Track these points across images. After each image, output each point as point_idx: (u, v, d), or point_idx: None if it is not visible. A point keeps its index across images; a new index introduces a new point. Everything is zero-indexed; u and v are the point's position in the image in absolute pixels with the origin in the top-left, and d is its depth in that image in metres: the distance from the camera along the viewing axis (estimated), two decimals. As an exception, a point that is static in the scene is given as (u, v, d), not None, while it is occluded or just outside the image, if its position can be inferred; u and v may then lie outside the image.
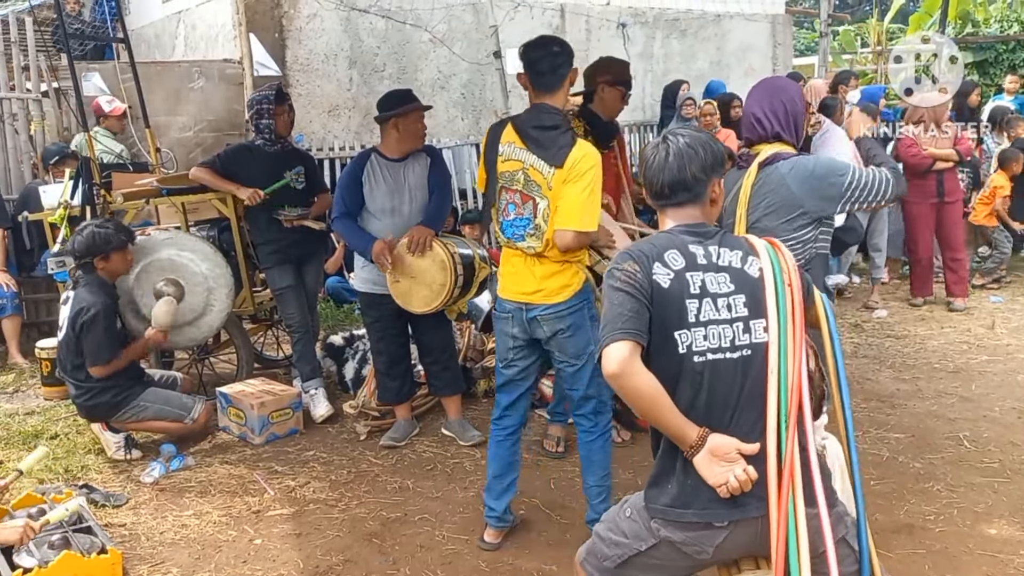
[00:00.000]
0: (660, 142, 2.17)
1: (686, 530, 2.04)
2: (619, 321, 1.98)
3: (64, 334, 4.36)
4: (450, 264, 4.04)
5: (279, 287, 5.00)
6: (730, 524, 2.01)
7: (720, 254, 2.08)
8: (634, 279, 2.02)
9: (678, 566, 2.12)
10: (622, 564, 2.15)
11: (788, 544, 1.93)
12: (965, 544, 3.36)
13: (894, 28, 18.13)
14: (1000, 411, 4.72)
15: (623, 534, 2.16)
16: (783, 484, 1.94)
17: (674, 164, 2.12)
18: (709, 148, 2.15)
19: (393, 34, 8.51)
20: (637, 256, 2.07)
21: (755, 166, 2.95)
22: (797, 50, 17.55)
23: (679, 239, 2.10)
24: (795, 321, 2.02)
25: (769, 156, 2.95)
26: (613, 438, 4.46)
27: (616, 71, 4.30)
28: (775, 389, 1.97)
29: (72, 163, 6.05)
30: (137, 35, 9.93)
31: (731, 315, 2.02)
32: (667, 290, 2.02)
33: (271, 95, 4.87)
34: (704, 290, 2.03)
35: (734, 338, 2.02)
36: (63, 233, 5.14)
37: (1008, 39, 14.29)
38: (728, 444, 1.98)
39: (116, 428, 4.47)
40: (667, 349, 2.01)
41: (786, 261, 2.09)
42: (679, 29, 10.50)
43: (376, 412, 4.84)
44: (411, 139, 4.30)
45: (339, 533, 3.66)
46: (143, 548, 3.57)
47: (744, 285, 2.05)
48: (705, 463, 1.98)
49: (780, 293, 2.03)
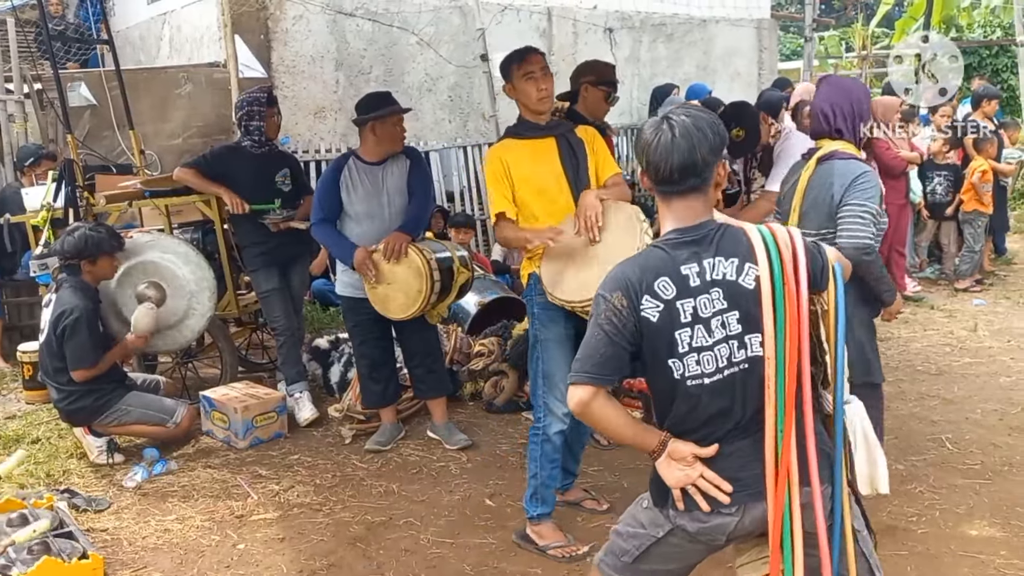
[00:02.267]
0: (661, 122, 2.03)
1: (698, 520, 2.08)
2: (589, 363, 2.02)
3: (45, 337, 4.33)
4: (426, 271, 4.02)
5: (264, 290, 4.98)
6: (738, 511, 2.05)
7: (715, 266, 2.00)
8: (619, 317, 2.00)
9: (694, 550, 2.17)
10: (640, 557, 2.18)
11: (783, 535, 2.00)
12: (947, 545, 3.38)
13: (879, 33, 18.27)
14: (982, 413, 4.75)
15: (640, 525, 2.20)
16: (780, 480, 1.99)
17: (683, 144, 1.98)
18: (716, 128, 2.04)
19: (380, 36, 8.50)
20: (626, 288, 2.01)
21: (814, 160, 3.15)
22: (783, 55, 17.65)
23: (671, 259, 2.01)
24: (798, 326, 1.95)
25: (828, 152, 3.13)
26: (599, 441, 4.48)
27: (599, 71, 4.30)
28: (772, 393, 1.98)
29: (48, 164, 6.00)
30: (122, 37, 9.86)
31: (725, 333, 2.00)
32: (656, 324, 2.00)
33: (263, 97, 4.85)
34: (696, 316, 2.00)
35: (730, 355, 2.00)
36: (45, 235, 5.10)
37: (991, 44, 14.43)
38: (685, 449, 2.05)
39: (98, 432, 4.44)
40: (663, 373, 2.04)
41: (786, 256, 1.97)
42: (665, 33, 10.54)
43: (361, 416, 4.82)
44: (389, 142, 4.28)
45: (323, 537, 3.64)
46: (125, 553, 3.54)
47: (738, 299, 2.00)
48: (664, 466, 2.07)
49: (779, 300, 1.95)
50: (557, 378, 3.34)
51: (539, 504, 3.45)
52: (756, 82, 10.98)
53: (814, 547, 2.03)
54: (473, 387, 5.25)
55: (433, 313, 4.29)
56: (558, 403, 3.34)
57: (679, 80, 9.67)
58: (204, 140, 7.97)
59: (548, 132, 3.43)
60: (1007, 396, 4.99)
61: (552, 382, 3.38)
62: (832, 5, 22.86)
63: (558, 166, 3.39)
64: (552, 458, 3.43)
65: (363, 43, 8.44)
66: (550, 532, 3.45)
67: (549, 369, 3.38)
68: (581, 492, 3.87)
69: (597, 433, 4.47)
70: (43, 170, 6.02)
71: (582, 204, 3.17)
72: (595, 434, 4.46)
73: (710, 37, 10.90)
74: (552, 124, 3.47)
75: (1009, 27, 13.86)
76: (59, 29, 8.72)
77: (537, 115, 3.43)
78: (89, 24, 9.71)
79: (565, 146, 3.41)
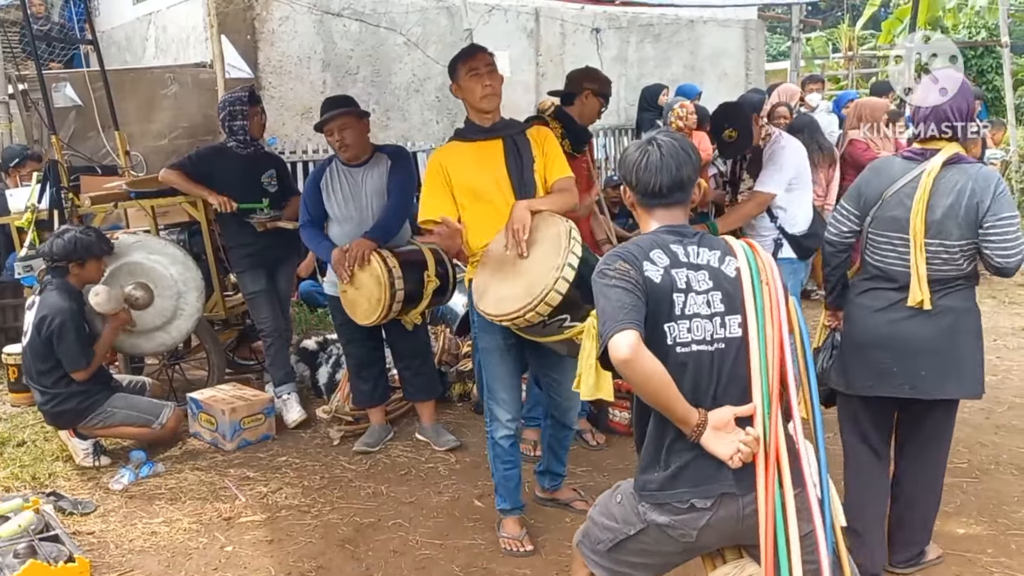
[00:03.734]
0: (647, 144, 2.25)
1: (671, 513, 2.15)
2: (620, 313, 2.06)
3: (28, 339, 4.29)
4: (385, 280, 3.96)
5: (251, 291, 4.96)
6: (713, 505, 2.11)
7: (699, 253, 2.18)
8: (628, 275, 2.11)
9: (666, 551, 2.24)
10: (614, 548, 2.28)
11: (776, 525, 2.05)
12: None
13: (865, 34, 18.37)
14: (968, 412, 4.77)
15: (613, 519, 2.28)
16: (769, 467, 2.06)
17: (672, 164, 2.21)
18: (694, 152, 2.27)
19: (367, 37, 8.48)
20: (626, 256, 2.16)
21: (939, 163, 2.84)
22: (770, 55, 17.71)
23: (661, 239, 2.20)
24: (773, 315, 2.13)
25: (953, 156, 2.85)
26: (588, 441, 4.49)
27: (603, 83, 4.32)
28: (758, 379, 2.08)
29: (33, 165, 5.95)
30: (107, 37, 9.81)
31: (710, 310, 2.13)
32: (659, 284, 2.12)
33: (244, 96, 4.83)
34: (688, 286, 2.14)
35: (713, 331, 2.12)
36: (30, 237, 5.06)
37: (976, 45, 14.52)
38: (725, 414, 2.09)
39: (84, 434, 4.41)
40: (655, 339, 2.10)
41: (763, 261, 2.19)
42: (653, 34, 10.56)
43: (350, 417, 4.81)
44: (353, 145, 4.25)
45: (312, 539, 3.63)
46: (112, 556, 3.51)
47: (721, 282, 2.15)
48: (712, 438, 2.08)
49: (757, 291, 2.13)
50: (496, 386, 3.43)
51: (501, 500, 3.58)
52: (744, 83, 11.02)
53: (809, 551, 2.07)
54: (461, 388, 5.25)
55: (407, 320, 4.26)
56: (500, 410, 3.44)
57: (667, 80, 9.68)
58: (190, 141, 7.92)
59: (495, 134, 3.36)
60: (994, 395, 5.00)
61: (491, 390, 3.46)
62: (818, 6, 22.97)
63: (502, 170, 3.32)
64: (505, 460, 3.51)
65: (350, 44, 8.42)
66: (510, 526, 3.56)
67: (488, 377, 3.46)
68: (571, 492, 3.88)
69: (586, 433, 4.49)
70: (28, 171, 5.97)
71: (511, 217, 3.14)
72: (584, 434, 4.47)
73: (697, 38, 10.92)
74: (499, 125, 3.39)
75: (994, 28, 13.96)
76: (44, 30, 8.66)
77: (482, 115, 3.38)
78: (73, 25, 9.64)
79: (511, 148, 3.34)
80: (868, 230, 2.99)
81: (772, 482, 2.05)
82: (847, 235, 3.09)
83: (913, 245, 2.84)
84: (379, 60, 8.59)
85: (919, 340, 2.90)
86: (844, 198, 3.14)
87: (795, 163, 4.10)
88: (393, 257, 4.07)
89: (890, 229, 2.91)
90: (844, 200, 3.12)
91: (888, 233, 2.92)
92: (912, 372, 2.91)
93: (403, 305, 4.10)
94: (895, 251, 2.91)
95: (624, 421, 4.57)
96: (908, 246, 2.86)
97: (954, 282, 2.90)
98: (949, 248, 2.82)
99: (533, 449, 4.34)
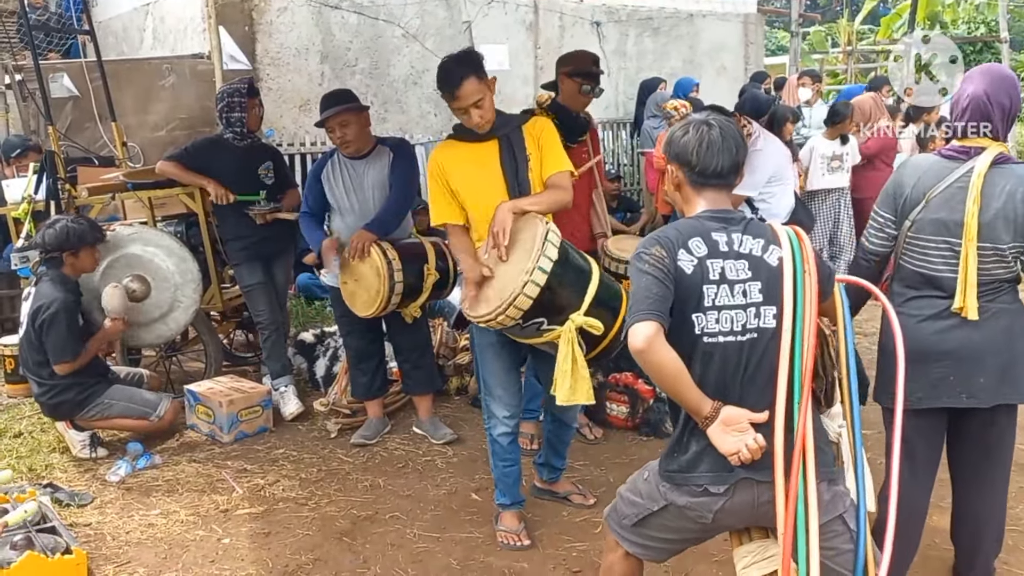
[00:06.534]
0: (702, 124, 2.24)
1: (689, 495, 2.20)
2: (645, 303, 2.09)
3: (24, 330, 4.29)
4: (384, 272, 3.97)
5: (248, 284, 4.95)
6: (727, 491, 2.15)
7: (743, 241, 2.18)
8: (662, 263, 2.13)
9: (686, 528, 2.29)
10: (638, 523, 2.34)
11: (797, 515, 2.07)
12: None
13: (864, 29, 18.37)
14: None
15: (639, 495, 2.35)
16: (795, 457, 2.07)
17: (732, 146, 2.23)
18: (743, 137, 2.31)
19: (365, 29, 8.45)
20: (664, 242, 2.17)
21: (987, 163, 2.63)
22: (768, 50, 17.70)
23: (704, 226, 2.20)
24: (810, 308, 2.14)
25: (999, 155, 2.64)
26: (585, 435, 4.49)
27: (575, 62, 4.20)
28: (787, 368, 2.09)
29: (34, 156, 5.93)
30: (104, 28, 9.77)
31: (745, 300, 2.14)
32: (690, 276, 2.14)
33: (243, 88, 4.81)
34: (723, 277, 2.14)
35: (745, 322, 2.14)
36: (27, 228, 5.05)
37: (975, 40, 14.53)
38: (739, 415, 2.11)
39: (81, 426, 4.40)
40: (684, 329, 2.13)
41: (807, 250, 2.17)
42: (652, 27, 10.54)
43: (347, 410, 4.81)
44: (354, 141, 4.24)
45: (309, 532, 3.63)
46: (109, 548, 3.52)
47: (761, 272, 2.15)
48: (718, 433, 2.10)
49: (799, 280, 2.13)
50: (492, 382, 3.44)
51: (500, 495, 3.58)
52: (742, 77, 11.00)
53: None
54: (459, 381, 5.25)
55: (407, 312, 4.27)
56: (497, 406, 3.44)
57: (665, 74, 9.67)
58: (188, 132, 7.89)
59: (490, 135, 3.32)
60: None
61: (488, 387, 3.47)
62: (817, 1, 22.95)
63: (498, 170, 3.28)
64: (504, 458, 3.51)
65: (348, 36, 8.39)
66: (508, 519, 3.56)
67: (484, 373, 3.47)
68: (569, 485, 3.88)
69: (583, 428, 4.49)
70: (29, 162, 5.95)
71: (493, 219, 3.12)
72: (581, 428, 4.47)
73: (697, 31, 10.90)
74: (495, 125, 3.31)
75: (993, 24, 13.96)
76: (41, 19, 8.62)
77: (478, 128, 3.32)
78: (71, 15, 9.60)
79: (507, 148, 3.29)
80: (908, 234, 2.75)
81: (797, 473, 2.06)
82: (889, 244, 2.83)
83: (964, 248, 2.62)
84: (377, 52, 8.56)
85: (974, 345, 2.70)
86: (878, 204, 2.87)
87: (773, 164, 4.18)
88: (393, 250, 4.08)
89: (935, 233, 2.68)
90: (878, 206, 2.86)
91: (933, 237, 2.69)
92: (969, 380, 2.71)
93: (403, 298, 4.12)
94: (941, 256, 2.69)
95: (621, 415, 4.57)
96: (954, 250, 2.65)
97: (1005, 284, 2.71)
98: (1000, 250, 2.63)
99: (531, 443, 4.34)
